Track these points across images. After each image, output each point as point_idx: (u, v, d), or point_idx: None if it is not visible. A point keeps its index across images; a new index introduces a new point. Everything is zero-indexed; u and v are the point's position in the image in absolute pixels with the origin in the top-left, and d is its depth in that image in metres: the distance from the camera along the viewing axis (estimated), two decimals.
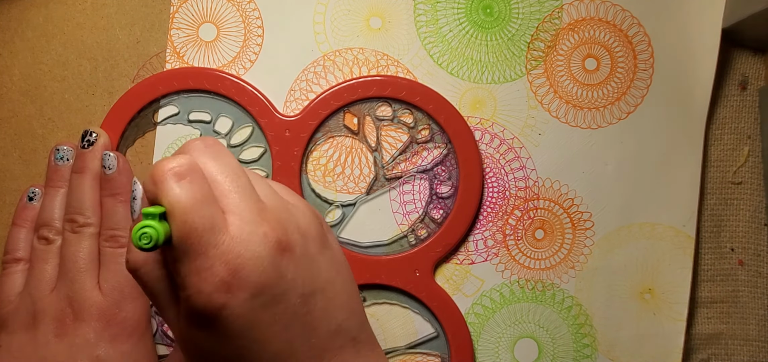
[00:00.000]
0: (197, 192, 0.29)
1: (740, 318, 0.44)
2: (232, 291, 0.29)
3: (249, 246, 0.29)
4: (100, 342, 0.39)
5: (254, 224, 0.30)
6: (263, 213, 0.31)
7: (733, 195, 0.44)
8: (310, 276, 0.31)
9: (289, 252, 0.31)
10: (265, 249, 0.30)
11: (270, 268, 0.30)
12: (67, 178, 0.42)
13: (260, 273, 0.29)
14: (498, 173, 0.43)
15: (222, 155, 0.32)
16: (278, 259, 0.30)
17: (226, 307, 0.29)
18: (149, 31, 0.43)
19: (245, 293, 0.29)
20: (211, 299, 0.29)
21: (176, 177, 0.30)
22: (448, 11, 0.43)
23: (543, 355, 0.43)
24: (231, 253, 0.29)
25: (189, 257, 0.29)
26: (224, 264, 0.29)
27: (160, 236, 0.28)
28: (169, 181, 0.29)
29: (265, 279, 0.30)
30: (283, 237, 0.30)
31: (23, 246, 0.41)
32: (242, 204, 0.30)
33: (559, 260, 0.43)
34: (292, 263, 0.31)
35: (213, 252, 0.29)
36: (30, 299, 0.40)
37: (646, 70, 0.43)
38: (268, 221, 0.30)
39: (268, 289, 0.30)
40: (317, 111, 0.43)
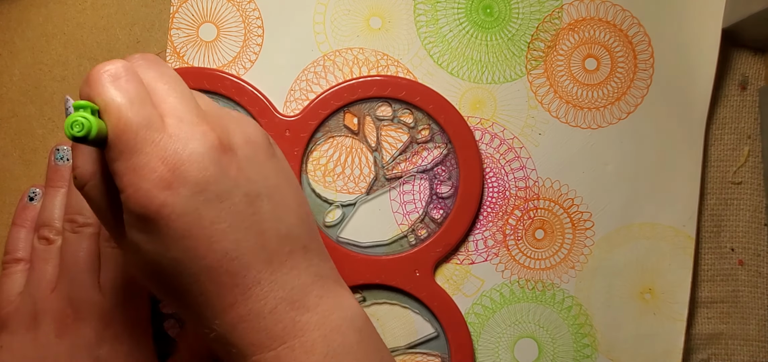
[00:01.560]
0: (132, 92, 0.30)
1: (740, 318, 0.44)
2: (171, 188, 0.29)
3: (188, 144, 0.30)
4: (101, 342, 0.39)
5: (192, 124, 0.30)
6: (202, 116, 0.31)
7: (733, 195, 0.44)
8: (255, 178, 0.32)
9: (231, 152, 0.31)
10: (203, 145, 0.30)
11: (210, 165, 0.30)
12: (67, 178, 0.42)
13: (200, 169, 0.30)
14: (498, 173, 0.43)
15: (160, 64, 0.33)
16: (219, 157, 0.30)
17: (167, 204, 0.29)
18: (149, 31, 0.43)
19: (186, 189, 0.29)
20: (150, 196, 0.29)
21: (111, 78, 0.30)
22: (448, 11, 0.43)
23: (543, 355, 0.43)
24: (168, 150, 0.29)
25: (125, 155, 0.29)
26: (162, 160, 0.29)
27: (92, 126, 0.29)
28: (104, 82, 0.30)
29: (205, 175, 0.30)
30: (224, 137, 0.31)
31: (23, 246, 0.41)
32: (180, 106, 0.31)
33: (559, 260, 0.43)
34: (235, 163, 0.31)
35: (149, 149, 0.29)
36: (30, 299, 0.40)
37: (646, 70, 0.43)
38: (207, 122, 0.31)
39: (210, 186, 0.30)
40: (317, 111, 0.43)
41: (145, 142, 0.29)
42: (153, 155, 0.29)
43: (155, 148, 0.29)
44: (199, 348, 0.41)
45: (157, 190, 0.29)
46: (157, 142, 0.29)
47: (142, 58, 0.33)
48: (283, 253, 0.32)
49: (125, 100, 0.30)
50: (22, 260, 0.41)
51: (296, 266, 0.33)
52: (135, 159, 0.29)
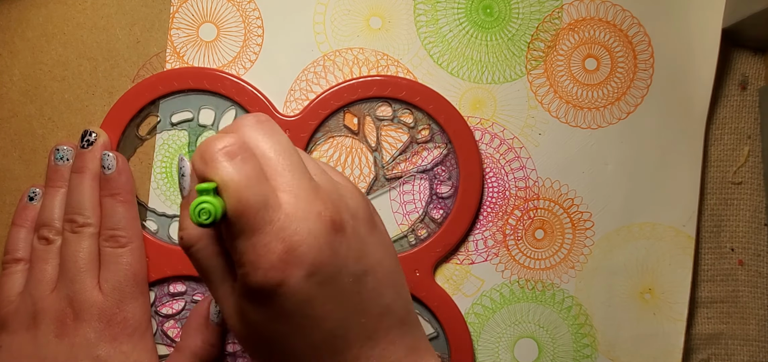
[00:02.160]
0: (250, 170, 0.30)
1: (740, 318, 0.44)
2: (289, 268, 0.29)
3: (304, 224, 0.30)
4: (101, 342, 0.39)
5: (308, 202, 0.30)
6: (316, 192, 0.31)
7: (733, 195, 0.44)
8: (361, 256, 0.32)
9: (342, 231, 0.31)
10: (319, 227, 0.30)
11: (325, 246, 0.30)
12: (67, 178, 0.42)
13: (316, 251, 0.30)
14: (498, 173, 0.43)
15: (274, 133, 0.32)
16: (332, 238, 0.30)
17: (284, 284, 0.29)
18: (149, 31, 0.43)
19: (302, 270, 0.29)
20: (268, 275, 0.29)
21: (228, 156, 0.30)
22: (448, 11, 0.43)
23: (543, 355, 0.43)
24: (287, 230, 0.29)
25: (246, 234, 0.29)
26: (281, 240, 0.29)
27: (217, 211, 0.28)
28: (220, 160, 0.30)
29: (320, 257, 0.30)
30: (336, 216, 0.31)
31: (23, 246, 0.41)
32: (295, 182, 0.31)
33: (559, 260, 0.43)
34: (345, 242, 0.31)
35: (269, 229, 0.29)
36: (30, 299, 0.40)
37: (646, 70, 0.43)
38: (321, 200, 0.31)
39: (323, 267, 0.30)
40: (317, 111, 0.43)
41: (263, 222, 0.29)
42: (272, 235, 0.29)
43: (273, 227, 0.29)
44: (199, 349, 0.41)
45: (276, 270, 0.29)
46: (276, 222, 0.29)
47: (256, 121, 0.32)
48: (382, 329, 0.33)
49: (243, 181, 0.29)
50: (22, 260, 0.41)
51: (393, 341, 0.33)
52: (255, 238, 0.29)
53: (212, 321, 0.41)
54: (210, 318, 0.41)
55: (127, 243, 0.40)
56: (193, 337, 0.41)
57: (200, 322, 0.41)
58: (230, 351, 0.43)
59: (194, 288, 0.43)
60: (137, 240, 0.41)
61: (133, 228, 0.41)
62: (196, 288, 0.43)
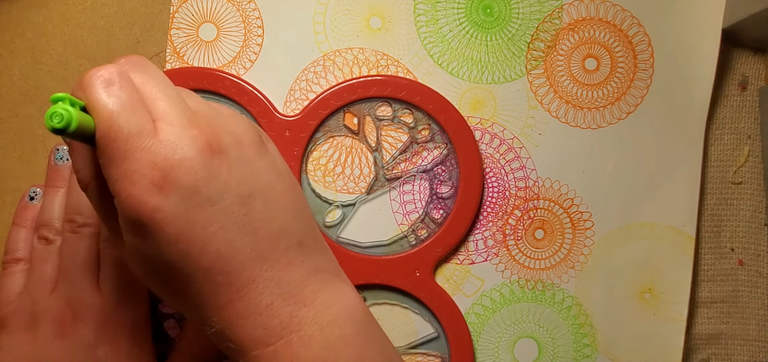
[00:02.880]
0: (124, 98, 0.30)
1: (740, 318, 0.44)
2: (163, 193, 0.30)
3: (178, 149, 0.30)
4: (100, 343, 0.39)
5: (182, 128, 0.31)
6: (192, 119, 0.31)
7: (733, 195, 0.44)
8: (246, 178, 0.32)
9: (221, 153, 0.31)
10: (194, 150, 0.30)
11: (200, 169, 0.30)
12: (67, 178, 0.42)
13: (191, 174, 0.30)
14: (498, 173, 0.43)
15: (149, 67, 0.33)
16: (209, 160, 0.30)
17: (158, 209, 0.30)
18: (149, 31, 0.43)
19: (176, 194, 0.30)
20: (141, 201, 0.29)
21: (104, 83, 0.30)
22: (448, 11, 0.43)
23: (543, 355, 0.43)
24: (159, 156, 0.30)
25: (116, 161, 0.30)
26: (152, 166, 0.29)
27: (72, 117, 0.28)
28: (96, 86, 0.30)
29: (195, 179, 0.30)
30: (213, 139, 0.31)
31: (23, 246, 0.41)
32: (170, 110, 0.31)
33: (559, 260, 0.43)
34: (225, 164, 0.31)
35: (140, 155, 0.29)
36: (30, 299, 0.40)
37: (646, 70, 0.43)
38: (197, 125, 0.31)
39: (201, 190, 0.30)
40: (317, 111, 0.43)
41: (136, 148, 0.30)
42: (144, 161, 0.30)
43: (146, 153, 0.30)
44: (199, 349, 0.41)
45: (149, 196, 0.30)
46: (148, 148, 0.30)
47: (130, 61, 0.33)
48: (278, 250, 0.32)
49: (117, 106, 0.30)
50: (22, 260, 0.41)
51: (291, 262, 0.33)
52: (126, 165, 0.30)
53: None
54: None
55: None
56: (193, 336, 0.41)
57: None
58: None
59: None
60: None
61: None
62: None
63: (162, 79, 0.33)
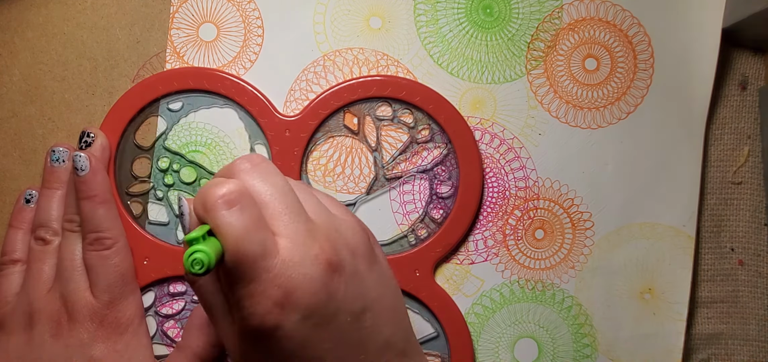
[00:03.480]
0: (248, 220, 0.30)
1: (740, 318, 0.44)
2: (284, 313, 0.30)
3: (300, 269, 0.30)
4: (94, 342, 0.39)
5: (305, 246, 0.30)
6: (313, 234, 0.31)
7: (733, 195, 0.44)
8: (359, 294, 0.32)
9: (339, 272, 0.31)
10: (316, 270, 0.30)
11: (321, 289, 0.30)
12: (63, 179, 0.42)
13: (312, 295, 0.30)
14: (498, 173, 0.43)
15: (270, 175, 0.32)
16: (329, 280, 0.30)
17: (279, 328, 0.30)
18: (149, 31, 0.43)
19: (297, 314, 0.30)
20: (264, 320, 0.30)
21: (227, 204, 0.30)
22: (448, 11, 0.43)
23: (543, 355, 0.43)
24: (283, 276, 0.30)
25: (242, 282, 0.30)
26: (277, 287, 0.29)
27: (211, 261, 0.28)
28: (220, 209, 0.30)
29: (316, 300, 0.30)
30: (333, 257, 0.31)
31: (20, 247, 0.41)
32: (292, 226, 0.31)
33: (559, 260, 0.43)
34: (343, 283, 0.31)
35: (265, 277, 0.29)
36: (26, 299, 0.40)
37: (646, 70, 0.43)
38: (318, 241, 0.31)
39: (320, 310, 0.30)
40: (317, 111, 0.43)
41: (260, 269, 0.30)
42: (268, 282, 0.30)
43: (270, 275, 0.30)
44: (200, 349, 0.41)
45: (271, 315, 0.30)
46: (272, 269, 0.30)
47: (251, 165, 0.32)
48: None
49: (243, 231, 0.30)
50: (19, 261, 0.41)
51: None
52: (251, 286, 0.30)
53: None
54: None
55: (112, 244, 0.40)
56: (195, 337, 0.41)
57: (202, 322, 0.41)
58: None
59: None
60: (122, 239, 0.41)
61: (116, 228, 0.41)
62: None
63: (282, 186, 0.32)
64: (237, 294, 0.30)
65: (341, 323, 0.31)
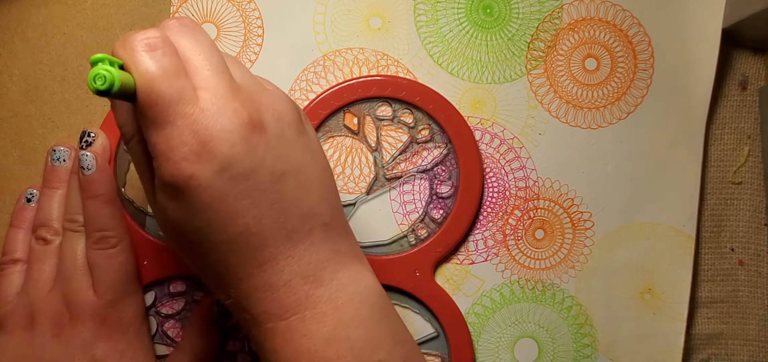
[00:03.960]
0: (167, 64, 0.30)
1: (740, 318, 0.44)
2: (200, 162, 0.30)
3: (219, 120, 0.30)
4: (97, 342, 0.39)
5: (225, 100, 0.31)
6: (236, 91, 0.32)
7: (733, 195, 0.44)
8: (282, 157, 0.32)
9: (260, 130, 0.31)
10: (234, 123, 0.31)
11: (239, 142, 0.31)
12: (63, 179, 0.42)
13: (229, 147, 0.30)
14: (498, 173, 0.43)
15: (196, 33, 0.33)
16: (248, 135, 0.31)
17: (194, 177, 0.30)
18: None
19: (213, 165, 0.30)
20: (179, 167, 0.30)
21: (147, 47, 0.30)
22: (448, 11, 0.43)
23: (543, 355, 0.43)
24: (200, 124, 0.30)
25: (157, 125, 0.30)
26: (193, 134, 0.30)
27: (114, 78, 0.29)
28: (139, 50, 0.30)
29: (233, 153, 0.31)
30: (254, 115, 0.31)
31: (21, 246, 0.41)
32: (214, 80, 0.31)
33: (559, 260, 0.43)
34: (263, 141, 0.31)
35: (181, 122, 0.30)
36: (27, 299, 0.40)
37: (646, 70, 0.43)
38: (240, 99, 0.31)
39: (237, 163, 0.31)
40: (317, 111, 0.43)
41: (177, 114, 0.30)
42: (184, 128, 0.30)
43: (187, 121, 0.30)
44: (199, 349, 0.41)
45: (187, 162, 0.30)
46: (189, 115, 0.30)
47: (179, 24, 0.33)
48: (303, 231, 0.33)
49: (159, 72, 0.30)
50: (20, 260, 0.41)
51: (314, 243, 0.33)
52: (167, 130, 0.30)
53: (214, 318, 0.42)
54: (212, 318, 0.42)
55: (117, 243, 0.40)
56: (194, 337, 0.41)
57: (202, 322, 0.41)
58: (231, 351, 0.43)
59: (194, 287, 0.43)
60: (126, 238, 0.41)
61: (121, 227, 0.41)
62: (196, 287, 0.43)
63: (208, 45, 0.33)
64: (152, 140, 0.30)
65: (260, 181, 0.31)
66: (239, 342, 0.43)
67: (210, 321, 0.41)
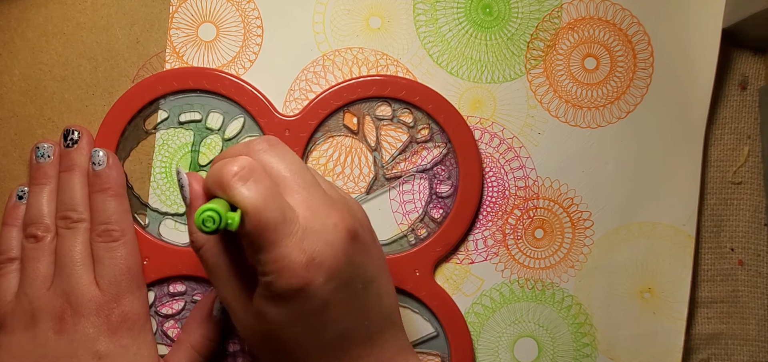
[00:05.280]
0: (264, 190, 0.32)
1: (740, 318, 0.44)
2: (310, 274, 0.32)
3: (322, 235, 0.32)
4: (100, 337, 0.39)
5: (324, 215, 0.33)
6: (331, 204, 0.33)
7: (733, 195, 0.44)
8: (369, 265, 0.35)
9: (356, 240, 0.34)
10: (336, 236, 0.33)
11: (341, 254, 0.33)
12: (50, 174, 0.42)
13: (334, 259, 0.32)
14: (498, 172, 0.43)
15: (285, 153, 0.35)
16: (348, 247, 0.33)
17: (307, 288, 0.32)
18: (149, 31, 0.43)
19: (322, 276, 0.32)
20: (292, 281, 0.32)
21: (242, 179, 0.32)
22: (448, 11, 0.43)
23: (543, 354, 0.43)
24: (306, 241, 0.32)
25: (268, 248, 0.32)
26: (302, 251, 0.32)
27: (221, 218, 0.30)
28: (236, 185, 0.32)
29: (338, 264, 0.33)
30: (351, 226, 0.33)
31: (16, 245, 0.41)
32: (309, 197, 0.33)
33: (558, 259, 0.43)
34: (358, 251, 0.34)
35: (289, 242, 0.32)
36: (26, 298, 0.40)
37: (645, 70, 0.43)
38: (337, 211, 0.33)
39: (340, 274, 0.33)
40: (317, 111, 0.43)
41: (283, 235, 0.32)
42: (293, 247, 0.32)
43: (294, 239, 0.32)
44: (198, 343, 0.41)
45: (299, 278, 0.32)
46: (295, 234, 0.32)
47: (267, 145, 0.34)
48: (381, 331, 0.36)
49: (260, 201, 0.31)
50: (16, 259, 0.41)
51: (388, 340, 0.36)
52: (277, 251, 0.32)
53: (214, 317, 0.42)
54: (213, 314, 0.42)
55: (120, 237, 0.40)
56: (194, 331, 0.41)
57: (202, 317, 0.41)
58: (231, 351, 0.43)
59: (194, 288, 0.43)
60: (130, 233, 0.41)
61: (126, 222, 0.41)
62: (196, 288, 0.43)
63: (297, 163, 0.34)
64: (263, 261, 0.32)
65: (355, 289, 0.34)
66: (239, 342, 0.43)
67: (210, 316, 0.41)
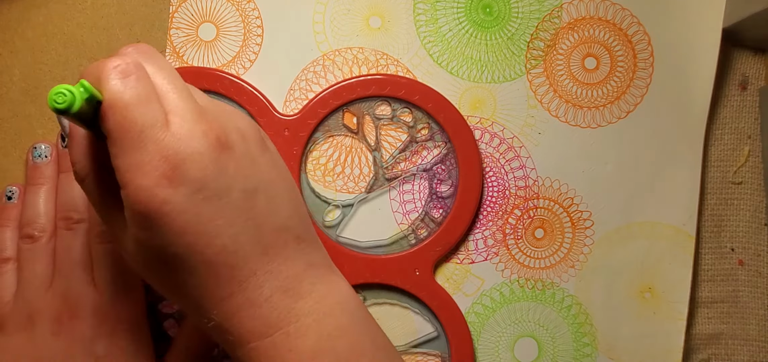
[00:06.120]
0: (141, 90, 0.31)
1: (740, 318, 0.44)
2: (172, 185, 0.30)
3: (189, 143, 0.31)
4: (98, 339, 0.39)
5: (193, 122, 0.31)
6: (202, 114, 0.32)
7: (733, 195, 0.44)
8: (251, 174, 0.33)
9: (229, 149, 0.32)
10: (204, 145, 0.31)
11: (210, 163, 0.31)
12: (47, 174, 0.42)
13: (200, 168, 0.31)
14: (498, 172, 0.43)
15: (158, 58, 0.33)
16: (218, 155, 0.31)
17: (168, 201, 0.30)
18: (149, 31, 0.43)
19: (186, 187, 0.30)
20: (151, 193, 0.30)
21: (121, 74, 0.31)
22: (448, 10, 0.43)
23: (543, 354, 0.43)
24: (170, 149, 0.30)
25: (128, 151, 0.30)
26: (164, 159, 0.30)
27: (76, 100, 0.29)
28: (113, 77, 0.31)
29: (205, 173, 0.31)
30: (222, 134, 0.32)
31: (10, 245, 0.41)
32: (181, 103, 0.32)
33: (559, 259, 0.43)
34: (233, 160, 0.32)
35: (152, 148, 0.30)
36: (23, 300, 0.40)
37: (646, 70, 0.43)
38: (207, 120, 0.32)
39: (209, 184, 0.31)
40: (316, 110, 0.43)
41: (148, 139, 0.30)
42: (155, 153, 0.30)
43: (158, 146, 0.30)
44: (196, 345, 0.41)
45: (159, 188, 0.30)
46: (160, 140, 0.30)
47: (139, 50, 0.33)
48: (278, 245, 0.33)
49: (133, 99, 0.30)
50: (11, 259, 0.41)
51: (290, 256, 0.34)
52: (138, 156, 0.30)
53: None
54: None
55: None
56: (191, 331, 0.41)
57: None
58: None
59: None
60: None
61: None
62: None
63: (171, 71, 0.33)
64: (122, 167, 0.30)
65: (233, 200, 0.32)
66: None
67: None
